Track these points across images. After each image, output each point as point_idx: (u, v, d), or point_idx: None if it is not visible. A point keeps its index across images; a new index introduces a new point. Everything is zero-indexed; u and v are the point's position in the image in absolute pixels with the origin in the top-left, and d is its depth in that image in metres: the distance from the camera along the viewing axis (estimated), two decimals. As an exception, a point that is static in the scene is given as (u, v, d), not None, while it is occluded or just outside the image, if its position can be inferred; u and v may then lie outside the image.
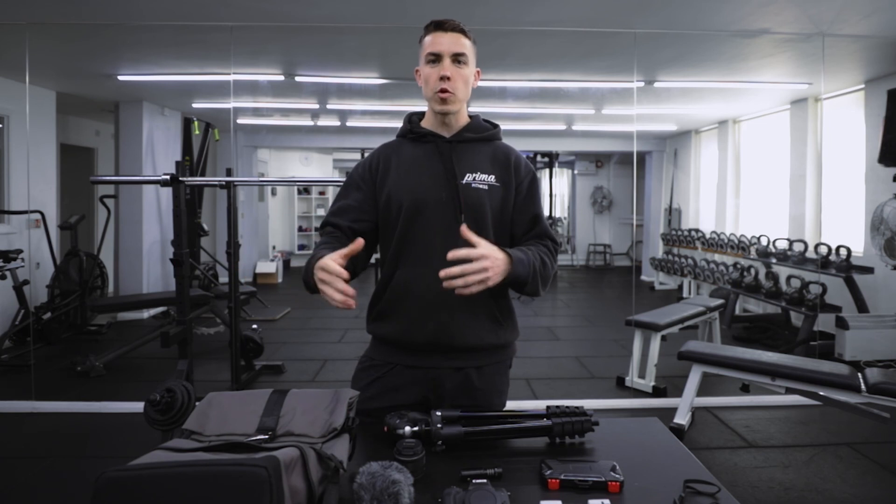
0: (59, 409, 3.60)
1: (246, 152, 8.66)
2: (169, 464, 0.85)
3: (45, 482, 2.65)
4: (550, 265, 1.40)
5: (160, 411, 1.37)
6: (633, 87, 5.21)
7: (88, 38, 4.11)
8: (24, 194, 5.05)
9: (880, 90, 4.70)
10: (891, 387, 2.63)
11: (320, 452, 0.94)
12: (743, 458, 2.95)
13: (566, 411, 1.22)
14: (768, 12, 3.52)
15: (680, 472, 1.06)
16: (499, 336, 1.42)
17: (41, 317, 5.00)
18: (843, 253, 4.91)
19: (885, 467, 2.81)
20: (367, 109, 7.23)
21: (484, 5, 3.44)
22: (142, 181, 5.28)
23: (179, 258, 3.36)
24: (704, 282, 6.98)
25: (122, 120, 6.19)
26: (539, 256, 1.35)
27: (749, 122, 7.26)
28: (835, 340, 4.52)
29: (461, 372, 1.40)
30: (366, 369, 1.46)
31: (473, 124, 1.47)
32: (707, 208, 8.17)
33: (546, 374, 4.43)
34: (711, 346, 3.53)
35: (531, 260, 1.31)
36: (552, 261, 1.41)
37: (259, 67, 4.95)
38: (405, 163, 1.42)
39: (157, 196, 6.38)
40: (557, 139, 9.41)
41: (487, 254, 1.20)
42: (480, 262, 1.18)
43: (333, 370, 4.52)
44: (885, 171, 4.52)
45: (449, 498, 0.93)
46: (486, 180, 1.40)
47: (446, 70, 1.36)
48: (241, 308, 4.38)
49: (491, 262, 1.20)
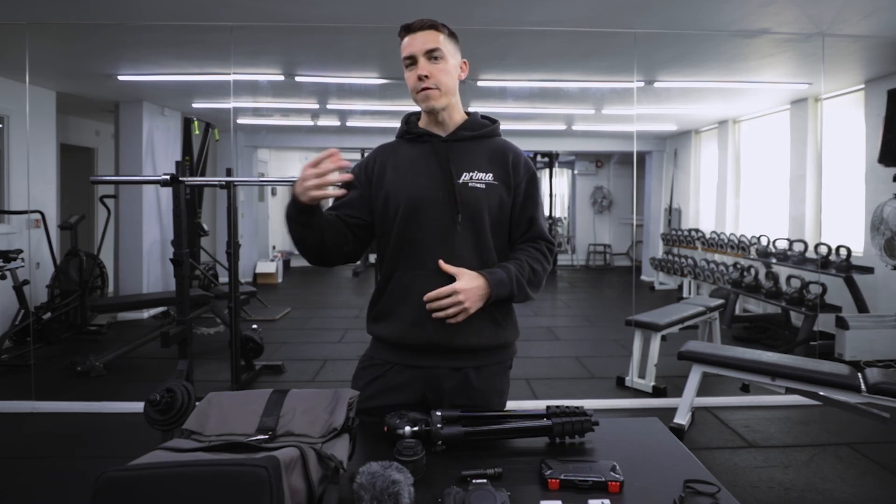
0: (59, 409, 3.60)
1: (246, 152, 8.66)
2: (169, 464, 0.85)
3: (45, 482, 2.65)
4: (543, 269, 1.43)
5: (160, 411, 1.37)
6: (633, 87, 5.21)
7: (88, 38, 4.11)
8: (24, 194, 5.04)
9: (880, 90, 4.69)
10: (891, 387, 2.63)
11: (320, 452, 0.94)
12: (743, 458, 2.95)
13: (566, 411, 1.22)
14: (768, 12, 3.52)
15: (680, 472, 1.06)
16: (499, 336, 1.43)
17: (41, 317, 5.00)
18: (843, 253, 4.91)
19: (885, 467, 2.81)
20: (367, 109, 7.23)
21: (484, 5, 3.44)
22: (142, 181, 5.28)
23: (179, 258, 3.36)
24: (704, 282, 6.98)
25: (122, 120, 6.19)
26: (528, 265, 1.38)
27: (749, 122, 7.26)
28: (835, 340, 4.52)
29: (460, 372, 1.40)
30: (365, 368, 1.46)
31: (470, 122, 1.46)
32: (707, 208, 8.17)
33: (546, 374, 4.43)
34: (711, 346, 3.54)
35: (514, 276, 1.35)
36: (545, 264, 1.44)
37: (259, 67, 4.95)
38: (402, 163, 1.42)
39: (157, 196, 6.38)
40: (557, 139, 9.41)
41: (461, 288, 1.28)
42: (454, 296, 1.28)
43: (333, 370, 4.52)
44: (885, 171, 4.52)
45: (449, 498, 0.93)
46: (484, 179, 1.40)
47: (422, 69, 1.37)
48: (241, 308, 4.38)
49: (465, 295, 1.28)
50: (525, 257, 1.40)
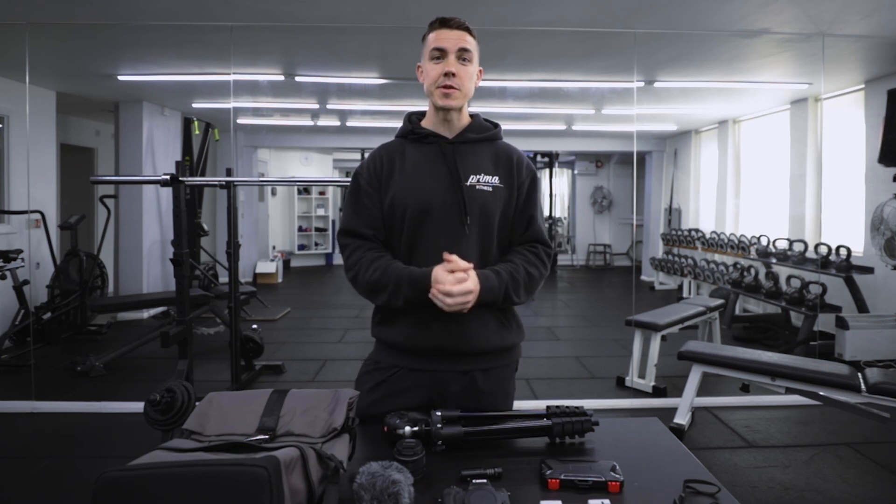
0: (59, 409, 3.60)
1: (246, 152, 8.66)
2: (169, 464, 0.85)
3: (45, 482, 2.65)
4: (539, 275, 1.42)
5: (160, 411, 1.37)
6: (633, 87, 5.21)
7: (88, 38, 4.11)
8: (24, 194, 5.04)
9: (880, 90, 4.69)
10: (891, 387, 2.63)
11: (320, 452, 0.94)
12: (743, 458, 2.95)
13: (566, 411, 1.22)
14: (768, 12, 3.52)
15: (680, 472, 1.06)
16: (504, 338, 1.42)
17: (41, 317, 5.00)
18: (843, 253, 4.91)
19: (885, 467, 2.81)
20: (367, 109, 7.23)
21: (484, 5, 3.44)
22: (142, 181, 5.28)
23: (179, 258, 3.36)
24: (704, 282, 6.97)
25: (122, 120, 6.19)
26: (524, 270, 1.38)
27: (749, 122, 7.26)
28: (835, 340, 4.52)
29: (467, 375, 1.39)
30: (370, 372, 1.45)
31: (475, 124, 1.46)
32: (707, 208, 8.17)
33: (546, 374, 4.43)
34: (711, 346, 3.53)
35: (504, 284, 1.34)
36: (541, 268, 1.43)
37: (259, 67, 4.95)
38: (409, 165, 1.41)
39: (157, 196, 6.38)
40: (557, 139, 9.41)
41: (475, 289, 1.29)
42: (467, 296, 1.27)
43: (333, 370, 4.52)
44: (885, 171, 4.52)
45: (449, 498, 0.93)
46: (491, 182, 1.40)
47: (451, 66, 1.35)
48: (241, 308, 4.38)
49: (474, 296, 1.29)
50: (521, 262, 1.40)
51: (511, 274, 1.36)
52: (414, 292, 1.30)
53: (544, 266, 1.44)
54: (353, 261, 1.39)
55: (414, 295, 1.31)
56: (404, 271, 1.32)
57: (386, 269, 1.34)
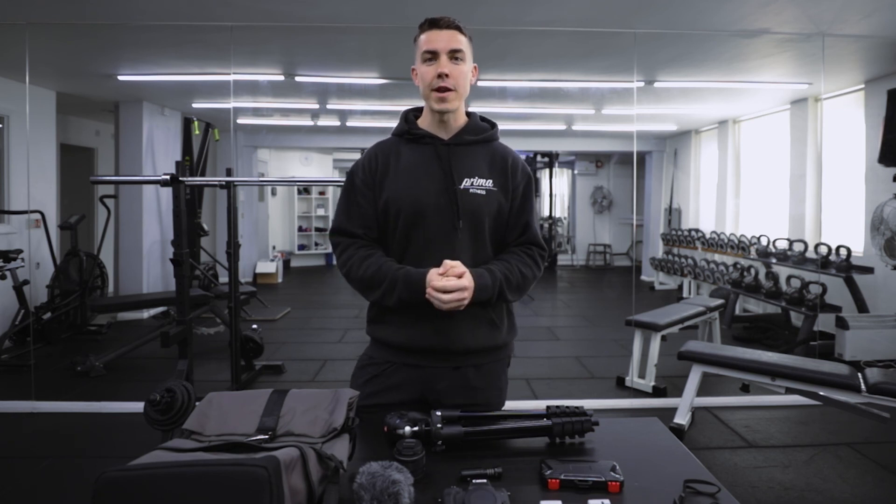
0: (59, 409, 3.60)
1: (246, 152, 8.66)
2: (169, 464, 0.85)
3: (45, 482, 2.65)
4: (532, 276, 1.44)
5: (160, 411, 1.37)
6: (633, 87, 5.21)
7: (88, 38, 4.11)
8: (24, 194, 5.04)
9: (880, 90, 4.69)
10: (891, 387, 2.63)
11: (320, 452, 0.94)
12: (743, 458, 2.95)
13: (566, 411, 1.22)
14: (768, 12, 3.52)
15: (680, 472, 1.06)
16: (496, 339, 1.44)
17: (41, 317, 5.00)
18: (843, 253, 4.91)
19: (885, 467, 2.81)
20: (367, 109, 7.23)
21: (484, 5, 3.44)
22: (142, 181, 5.28)
23: (179, 258, 3.36)
24: (704, 282, 6.97)
25: (122, 120, 6.19)
26: (518, 270, 1.39)
27: (749, 122, 7.26)
28: (835, 340, 4.52)
29: (459, 371, 1.41)
30: (364, 367, 1.47)
31: (471, 125, 1.46)
32: (707, 208, 8.17)
33: (546, 374, 4.43)
34: (711, 346, 3.54)
35: (497, 282, 1.35)
36: (535, 271, 1.45)
37: (259, 67, 4.95)
38: (403, 166, 1.41)
39: (157, 196, 6.38)
40: (557, 139, 9.41)
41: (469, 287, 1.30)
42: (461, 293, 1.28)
43: (333, 370, 4.52)
44: (885, 171, 4.52)
45: (449, 498, 0.93)
46: (484, 185, 1.40)
47: (444, 67, 1.35)
48: (241, 308, 4.38)
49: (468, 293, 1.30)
50: (516, 262, 1.41)
51: (505, 273, 1.37)
52: (408, 293, 1.32)
53: (538, 267, 1.46)
54: (344, 258, 1.42)
55: (408, 295, 1.32)
56: (399, 272, 1.34)
57: (380, 267, 1.35)
